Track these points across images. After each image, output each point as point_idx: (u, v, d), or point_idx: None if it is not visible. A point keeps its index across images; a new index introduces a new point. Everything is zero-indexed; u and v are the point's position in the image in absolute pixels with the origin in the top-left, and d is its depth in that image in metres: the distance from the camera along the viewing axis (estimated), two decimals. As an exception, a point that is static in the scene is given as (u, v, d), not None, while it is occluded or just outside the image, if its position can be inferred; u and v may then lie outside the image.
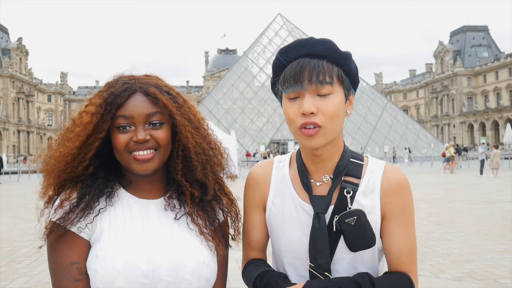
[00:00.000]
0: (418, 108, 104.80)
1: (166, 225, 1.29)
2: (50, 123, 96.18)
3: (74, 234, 1.22)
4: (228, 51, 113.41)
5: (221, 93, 56.07)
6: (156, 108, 1.25)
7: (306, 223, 1.29)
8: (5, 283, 5.49)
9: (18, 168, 34.79)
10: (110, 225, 1.25)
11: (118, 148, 1.24)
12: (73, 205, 1.23)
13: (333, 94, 1.22)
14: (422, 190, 15.97)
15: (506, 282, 5.18)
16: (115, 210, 1.28)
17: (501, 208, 11.31)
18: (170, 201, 1.32)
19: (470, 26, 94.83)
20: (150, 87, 1.27)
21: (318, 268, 1.26)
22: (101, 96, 1.25)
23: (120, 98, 1.23)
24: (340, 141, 1.32)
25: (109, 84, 1.29)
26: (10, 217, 11.17)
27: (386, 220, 1.29)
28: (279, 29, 58.59)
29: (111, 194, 1.28)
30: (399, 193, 1.29)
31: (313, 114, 1.20)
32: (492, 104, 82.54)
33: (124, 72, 1.33)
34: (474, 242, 7.36)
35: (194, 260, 1.25)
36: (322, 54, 1.24)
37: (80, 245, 1.22)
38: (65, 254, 1.21)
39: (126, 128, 1.23)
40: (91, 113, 1.23)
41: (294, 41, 1.28)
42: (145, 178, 1.31)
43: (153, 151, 1.24)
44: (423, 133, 57.74)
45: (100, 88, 1.32)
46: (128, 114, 1.23)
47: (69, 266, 1.20)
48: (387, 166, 1.33)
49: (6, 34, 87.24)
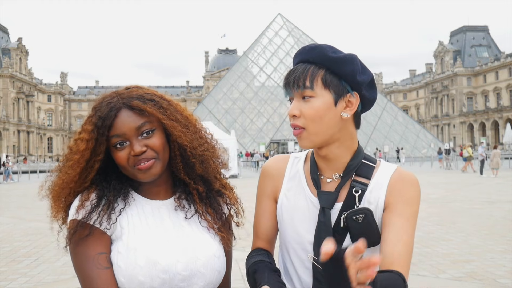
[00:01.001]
0: (418, 108, 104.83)
1: (177, 224, 1.37)
2: (50, 123, 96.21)
3: (98, 230, 1.28)
4: (228, 51, 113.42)
5: (221, 93, 56.07)
6: (143, 119, 1.30)
7: (314, 217, 1.34)
8: (5, 283, 5.49)
9: (18, 168, 34.81)
10: (128, 223, 1.31)
11: (121, 165, 1.31)
12: (93, 205, 1.29)
13: (314, 97, 1.28)
14: (422, 190, 15.62)
15: (506, 282, 5.18)
16: (131, 210, 1.35)
17: (501, 208, 11.31)
18: (180, 202, 1.40)
19: (470, 26, 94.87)
20: (132, 100, 1.31)
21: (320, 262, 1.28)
22: (91, 122, 1.31)
23: (108, 119, 1.29)
24: (348, 142, 1.35)
25: (95, 108, 1.34)
26: (10, 217, 11.18)
27: (387, 212, 1.30)
28: (279, 29, 58.61)
29: (127, 195, 1.36)
30: (405, 189, 1.31)
31: (296, 117, 1.29)
32: (492, 104, 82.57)
33: (107, 91, 1.39)
34: (474, 242, 7.36)
35: (205, 254, 1.33)
36: (311, 60, 1.31)
37: (105, 239, 1.28)
38: (92, 246, 1.26)
39: (123, 144, 1.29)
40: (86, 139, 1.29)
41: (301, 48, 1.38)
42: (151, 182, 1.37)
43: (151, 159, 1.30)
44: (423, 133, 57.78)
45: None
46: (120, 132, 1.29)
47: (97, 256, 1.25)
48: (399, 168, 1.37)
49: (6, 34, 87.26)
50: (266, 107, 55.52)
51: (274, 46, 57.38)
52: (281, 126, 54.06)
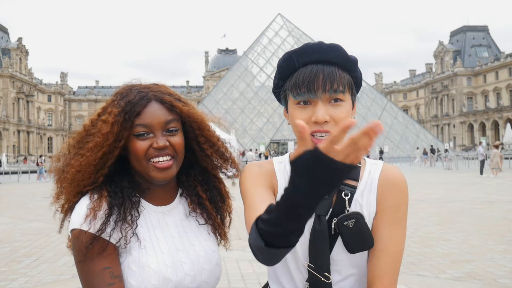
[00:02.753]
0: (418, 108, 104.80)
1: (182, 231, 1.36)
2: (50, 123, 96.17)
3: (112, 245, 1.24)
4: (228, 51, 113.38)
5: (221, 93, 56.09)
6: (172, 116, 1.30)
7: (307, 226, 1.26)
8: (5, 283, 5.49)
9: (18, 168, 34.81)
10: (138, 236, 1.29)
11: (138, 155, 1.26)
12: (106, 215, 1.23)
13: (345, 102, 1.23)
14: (422, 190, 15.96)
15: (506, 282, 5.18)
16: (139, 221, 1.31)
17: (501, 208, 11.30)
18: (193, 206, 1.40)
19: (470, 26, 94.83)
20: (164, 95, 1.31)
21: (317, 269, 1.25)
22: (118, 105, 1.27)
23: (138, 107, 1.26)
24: None
25: (121, 93, 1.31)
26: (10, 217, 11.17)
27: (377, 218, 1.27)
28: (279, 29, 58.61)
29: (138, 204, 1.31)
30: (393, 192, 1.27)
31: (326, 123, 1.19)
32: (492, 104, 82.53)
33: (132, 81, 1.36)
34: (474, 242, 7.35)
35: (209, 264, 1.35)
36: (333, 61, 1.23)
37: (110, 250, 1.24)
38: (98, 259, 1.22)
39: (144, 135, 1.26)
40: (111, 122, 1.25)
41: (304, 45, 1.26)
42: (161, 187, 1.35)
43: (171, 158, 1.28)
44: (423, 133, 57.77)
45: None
46: (147, 122, 1.27)
47: (102, 272, 1.22)
48: (385, 165, 1.33)
49: (6, 34, 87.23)
50: (266, 107, 55.49)
51: (274, 46, 57.36)
52: (281, 126, 54.02)
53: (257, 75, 57.33)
